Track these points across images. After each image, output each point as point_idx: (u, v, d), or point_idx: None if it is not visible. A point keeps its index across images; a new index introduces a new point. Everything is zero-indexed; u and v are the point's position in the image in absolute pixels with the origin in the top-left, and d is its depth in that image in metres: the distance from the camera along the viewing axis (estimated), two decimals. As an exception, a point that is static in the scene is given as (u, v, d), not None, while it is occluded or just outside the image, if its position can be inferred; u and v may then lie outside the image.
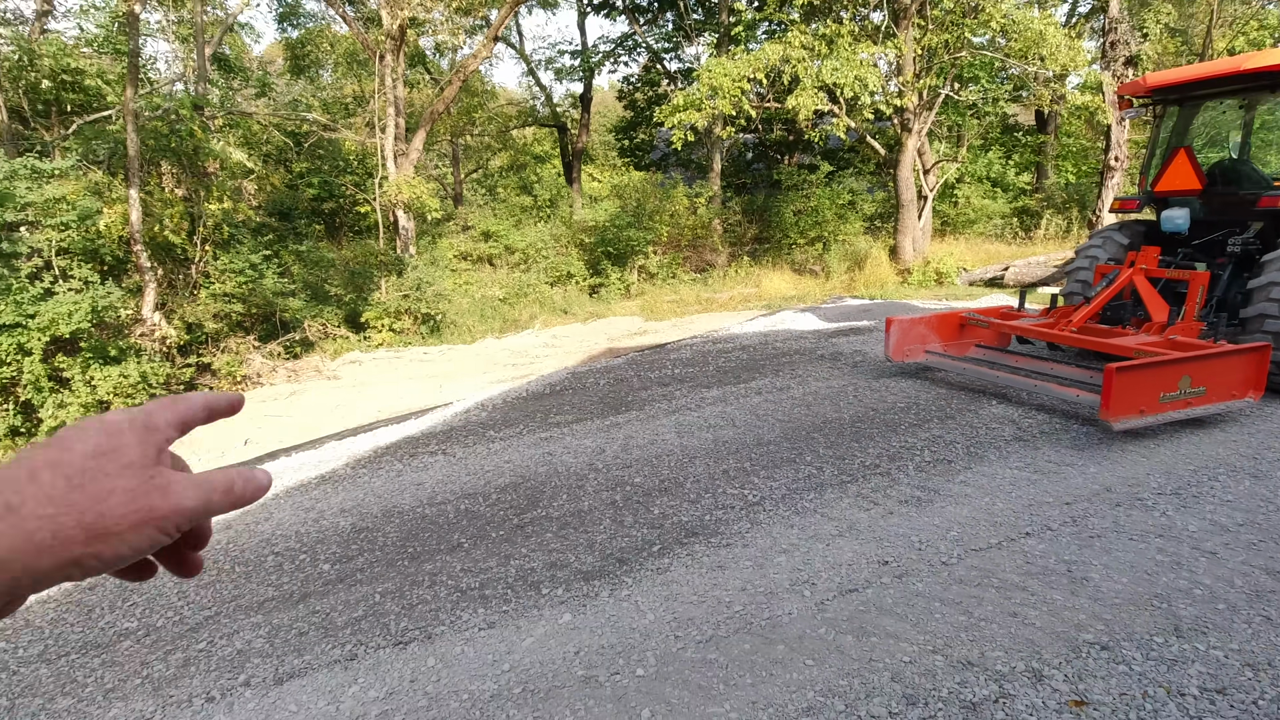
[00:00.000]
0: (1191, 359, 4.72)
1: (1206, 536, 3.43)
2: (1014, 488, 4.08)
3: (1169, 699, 2.35)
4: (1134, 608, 2.88)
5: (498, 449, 5.33)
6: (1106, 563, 3.22)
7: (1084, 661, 2.56)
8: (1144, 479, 4.12)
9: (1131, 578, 3.10)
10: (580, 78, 19.79)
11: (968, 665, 2.57)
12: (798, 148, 20.49)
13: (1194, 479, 4.09)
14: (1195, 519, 3.61)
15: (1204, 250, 6.08)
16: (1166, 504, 3.80)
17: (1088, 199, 17.70)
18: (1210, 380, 4.76)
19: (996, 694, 2.41)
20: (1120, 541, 3.42)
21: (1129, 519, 3.65)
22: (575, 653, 2.82)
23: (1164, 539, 3.43)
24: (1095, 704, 2.35)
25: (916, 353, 6.39)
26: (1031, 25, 11.82)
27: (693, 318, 12.00)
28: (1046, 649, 2.64)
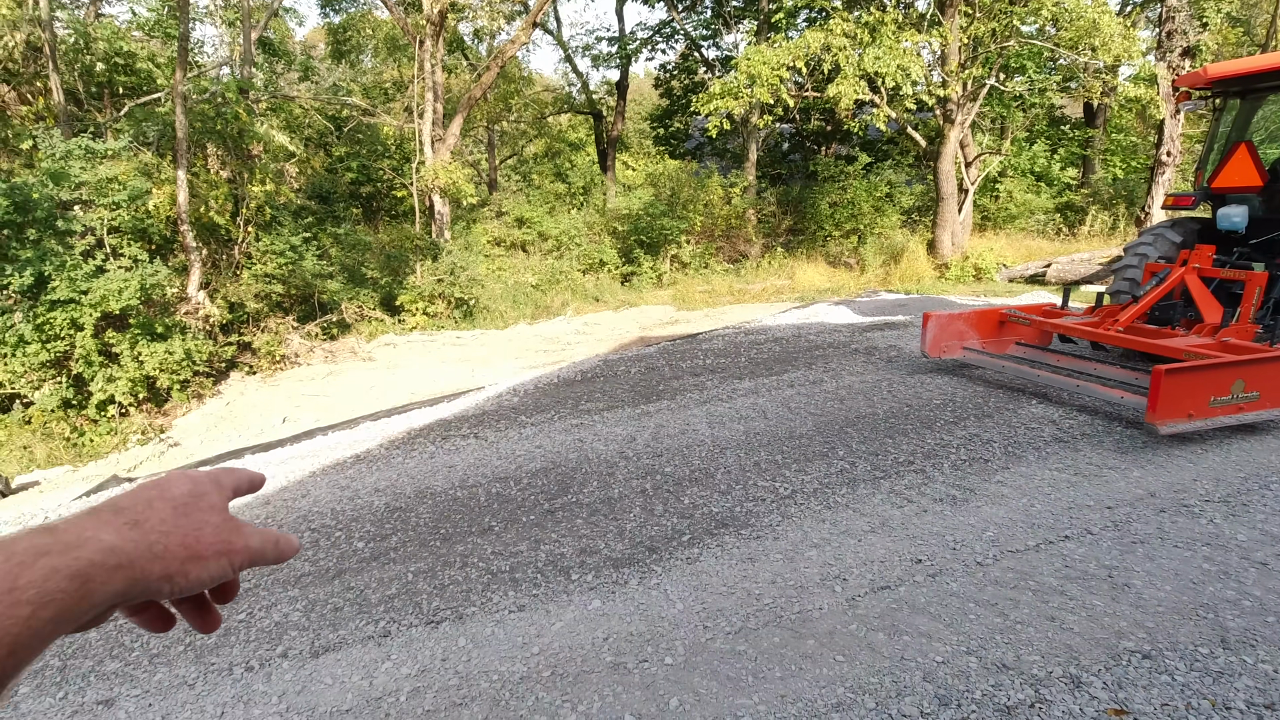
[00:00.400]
0: (1245, 362, 4.55)
1: (1257, 547, 3.31)
2: (1053, 489, 3.99)
3: (1214, 712, 2.28)
4: (1178, 617, 2.80)
5: (529, 434, 5.37)
6: (1150, 570, 3.14)
7: (1124, 670, 2.50)
8: (1191, 485, 4.00)
9: (1176, 586, 3.01)
10: (617, 65, 19.71)
11: (1003, 668, 2.52)
12: (835, 138, 20.18)
13: (1244, 487, 3.95)
14: (1245, 528, 3.49)
15: (1262, 250, 5.85)
16: (1214, 511, 3.68)
17: (1136, 195, 17.14)
18: (1265, 385, 4.60)
19: (1032, 699, 2.37)
20: (1165, 548, 3.32)
21: (1174, 525, 3.54)
22: (604, 639, 2.84)
23: (1211, 547, 3.32)
24: (1136, 713, 2.29)
25: (954, 349, 6.27)
26: (1085, 13, 11.42)
27: (725, 308, 11.93)
28: (1085, 655, 2.58)
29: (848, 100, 11.12)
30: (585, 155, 23.66)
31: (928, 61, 12.59)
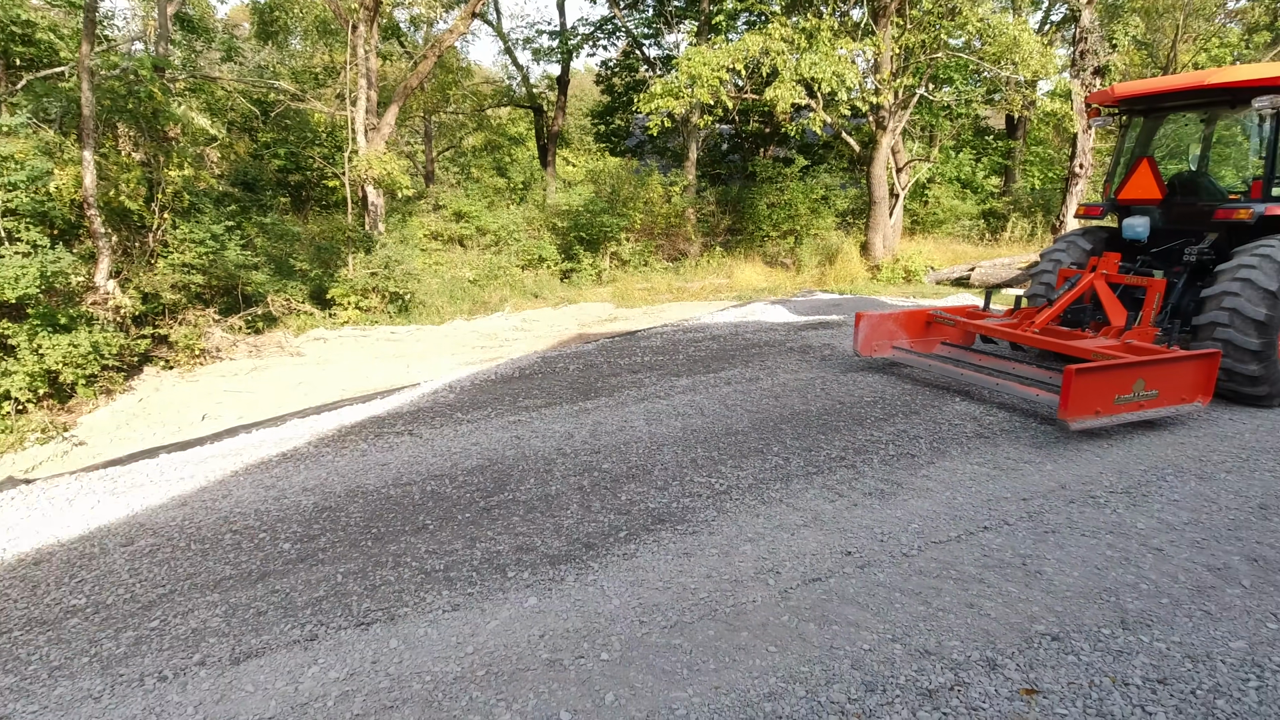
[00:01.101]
0: (1146, 363, 4.87)
1: (1154, 534, 3.55)
2: (974, 483, 4.18)
3: (1114, 688, 2.44)
4: (1084, 600, 2.98)
5: (466, 431, 5.28)
6: (1060, 557, 3.33)
7: (1036, 651, 2.64)
8: (1098, 477, 4.26)
9: (1083, 572, 3.20)
10: (558, 59, 19.54)
11: (925, 654, 2.63)
12: (774, 140, 20.54)
13: (1144, 479, 4.23)
14: (1144, 517, 3.74)
15: (1162, 258, 6.27)
16: (1118, 502, 3.93)
17: (1052, 204, 18.10)
18: (1163, 384, 4.93)
19: (952, 682, 2.48)
20: (1073, 537, 3.53)
21: (1082, 515, 3.76)
22: (540, 636, 2.82)
23: (1114, 535, 3.54)
24: (1045, 692, 2.42)
25: (884, 348, 6.49)
26: (1006, 30, 11.98)
27: (664, 306, 12.00)
28: (1001, 639, 2.72)
29: (785, 104, 11.34)
30: (526, 150, 23.38)
31: (862, 69, 12.97)
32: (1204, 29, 21.54)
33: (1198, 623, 2.83)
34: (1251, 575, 3.17)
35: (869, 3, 12.72)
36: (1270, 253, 5.24)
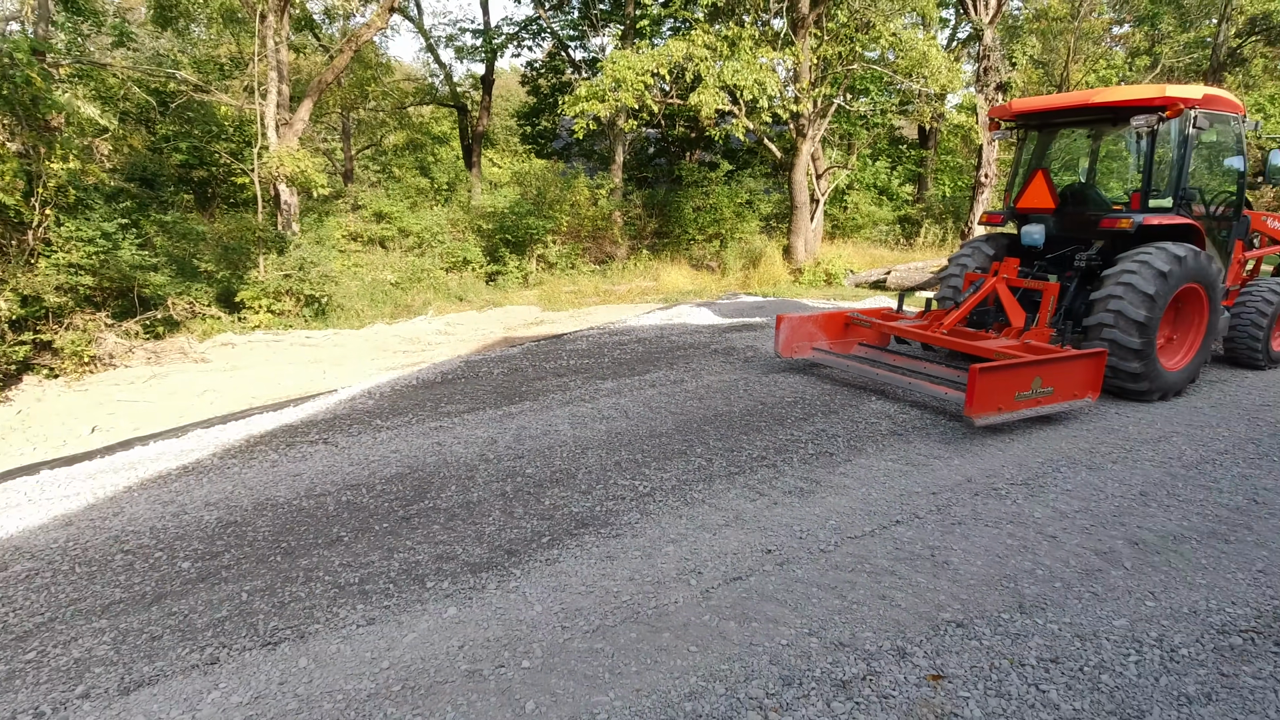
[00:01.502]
0: (1042, 362, 5.19)
1: (1049, 522, 3.78)
2: (888, 479, 4.34)
3: (1011, 669, 2.58)
4: (987, 588, 3.14)
5: (385, 438, 5.11)
6: (965, 547, 3.50)
7: (942, 639, 2.76)
8: (1000, 470, 4.50)
9: (986, 560, 3.38)
10: (482, 59, 19.22)
11: (840, 646, 2.71)
12: (699, 145, 20.84)
13: (1041, 470, 4.50)
14: (1041, 506, 3.98)
15: (1056, 263, 6.69)
16: (1018, 493, 4.16)
17: (962, 211, 19.07)
18: (1057, 381, 5.26)
19: (865, 672, 2.56)
20: (977, 528, 3.72)
21: (985, 507, 3.97)
22: (460, 647, 2.75)
23: (1014, 525, 3.75)
24: (950, 677, 2.54)
25: (804, 349, 6.67)
26: (917, 45, 12.56)
27: (591, 309, 11.97)
28: (910, 628, 2.83)
29: (709, 109, 11.53)
30: (450, 150, 22.88)
31: (782, 78, 13.32)
32: (1093, 51, 23.18)
33: (1086, 604, 3.02)
34: (1133, 558, 3.42)
35: (789, 14, 13.08)
36: (1148, 259, 5.67)
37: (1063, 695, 2.46)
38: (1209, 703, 2.43)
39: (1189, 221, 6.07)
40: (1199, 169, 6.87)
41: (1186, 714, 2.38)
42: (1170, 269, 5.62)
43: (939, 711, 2.37)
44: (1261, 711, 2.39)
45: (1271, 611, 2.98)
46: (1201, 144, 6.52)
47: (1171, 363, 6.07)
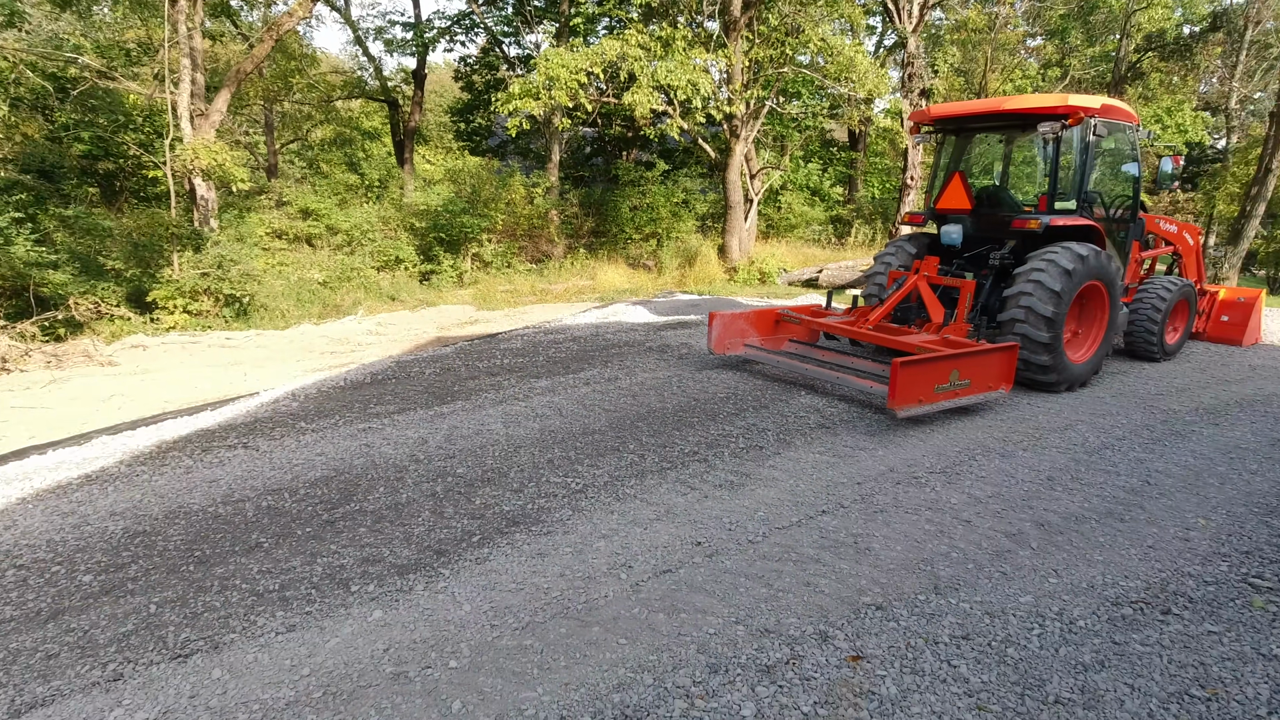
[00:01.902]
0: (959, 355, 5.43)
1: (964, 507, 3.97)
2: (815, 470, 4.47)
3: (926, 647, 2.70)
4: (905, 571, 3.27)
5: (310, 441, 4.95)
6: (886, 534, 3.63)
7: (862, 621, 2.87)
8: (920, 460, 4.69)
9: (905, 546, 3.51)
10: (413, 52, 18.79)
11: (765, 633, 2.78)
12: (636, 145, 20.93)
13: (958, 459, 4.71)
14: (957, 493, 4.17)
15: (972, 262, 7.01)
16: (936, 481, 4.35)
17: (890, 212, 19.76)
18: (974, 374, 5.52)
19: (788, 656, 2.64)
20: (898, 515, 3.86)
21: (906, 495, 4.13)
22: (385, 650, 2.70)
23: (932, 511, 3.92)
24: (869, 657, 2.64)
25: (736, 346, 6.79)
26: (844, 51, 12.95)
27: (527, 308, 11.88)
28: (833, 613, 2.93)
29: (643, 109, 11.60)
30: (381, 146, 22.28)
31: (716, 79, 13.51)
32: (1009, 61, 24.37)
33: (996, 583, 3.19)
34: (1039, 538, 3.62)
35: (721, 16, 13.28)
36: (1055, 258, 6.01)
37: (972, 669, 2.58)
38: (1102, 669, 2.60)
39: (1091, 223, 6.47)
40: (1100, 174, 7.32)
41: (1082, 681, 2.54)
42: (1074, 267, 5.97)
43: (857, 690, 2.46)
44: (1148, 675, 2.57)
45: (1159, 583, 3.21)
46: (1101, 150, 6.94)
47: (1077, 355, 6.45)
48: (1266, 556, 3.47)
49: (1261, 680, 2.55)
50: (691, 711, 2.36)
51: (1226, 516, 3.92)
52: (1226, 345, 8.65)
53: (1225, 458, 4.81)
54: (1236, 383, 6.87)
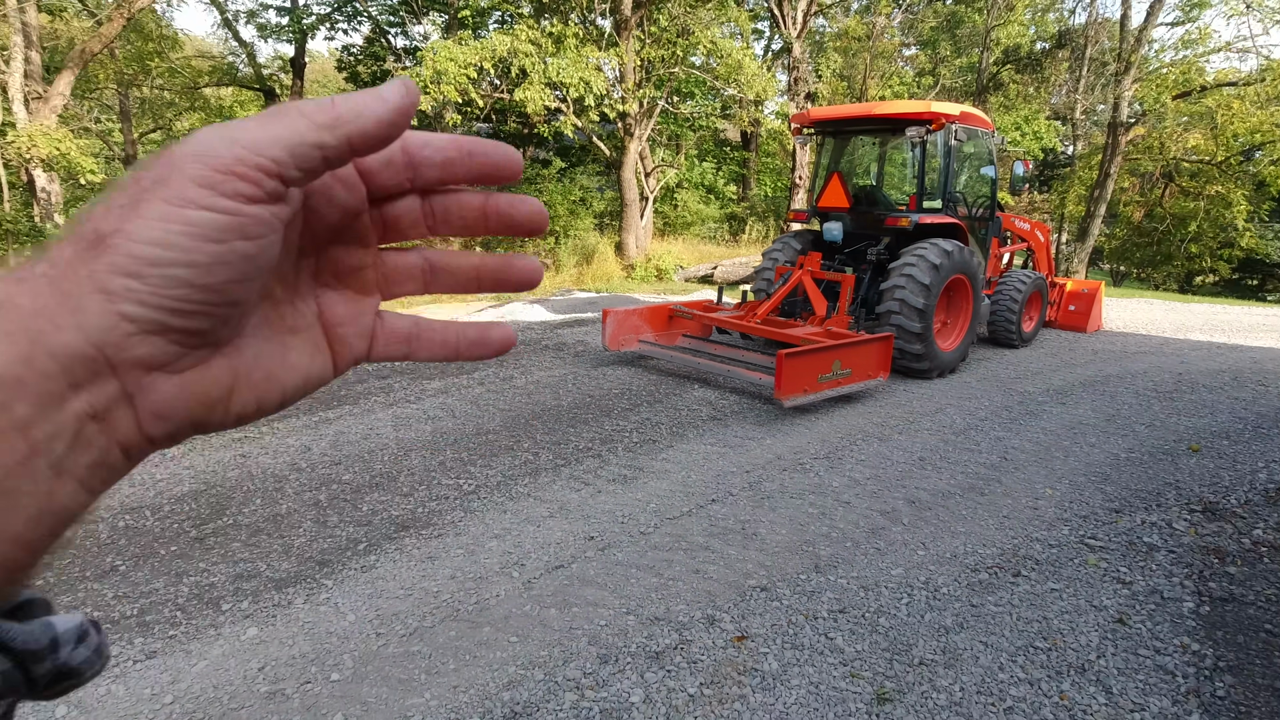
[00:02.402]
0: (841, 346, 5.73)
1: (844, 489, 4.20)
2: (707, 461, 4.59)
3: (806, 623, 2.84)
4: (789, 553, 3.43)
5: (175, 454, 4.60)
6: (772, 519, 3.79)
7: (748, 603, 2.98)
8: (805, 447, 4.92)
9: (790, 529, 3.68)
10: (290, 39, 17.76)
11: (655, 620, 2.84)
12: (532, 142, 20.70)
13: (840, 444, 4.98)
14: (838, 477, 4.40)
15: (852, 257, 7.41)
16: (820, 466, 4.57)
17: (782, 209, 20.53)
18: (854, 363, 5.83)
19: (677, 641, 2.71)
20: (784, 500, 4.04)
21: (792, 481, 4.32)
22: (260, 669, 2.56)
23: (816, 495, 4.12)
24: (753, 636, 2.75)
25: (631, 342, 6.87)
26: (733, 54, 13.33)
27: (422, 308, 11.50)
28: (720, 597, 3.03)
29: (536, 106, 11.49)
30: (258, 137, 20.89)
31: (610, 78, 13.57)
32: (887, 69, 25.88)
33: (871, 559, 3.40)
34: (910, 514, 3.89)
35: (613, 14, 13.35)
36: (924, 254, 6.45)
37: (847, 640, 2.75)
38: (962, 630, 2.83)
39: (955, 221, 6.98)
40: (965, 176, 7.91)
41: (944, 642, 2.75)
42: (941, 262, 6.42)
43: (741, 669, 2.56)
44: (1000, 632, 2.82)
45: (1012, 549, 3.52)
46: (962, 154, 7.50)
47: (946, 344, 6.95)
48: (1100, 519, 3.87)
49: (1093, 629, 2.86)
50: (581, 703, 2.38)
51: (1069, 486, 4.35)
52: (1074, 332, 9.56)
53: (1070, 433, 5.33)
54: (1081, 366, 7.62)
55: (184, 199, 0.28)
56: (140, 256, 0.28)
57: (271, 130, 0.29)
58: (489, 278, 0.41)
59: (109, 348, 0.28)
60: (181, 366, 0.30)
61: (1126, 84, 17.56)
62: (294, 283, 0.36)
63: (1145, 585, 3.18)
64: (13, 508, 0.26)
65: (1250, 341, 9.33)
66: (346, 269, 0.37)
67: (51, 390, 0.27)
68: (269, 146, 0.29)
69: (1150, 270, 25.39)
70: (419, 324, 0.40)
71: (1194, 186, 21.51)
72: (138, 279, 0.28)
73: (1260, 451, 4.95)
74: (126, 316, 0.28)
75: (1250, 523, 3.82)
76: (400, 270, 0.39)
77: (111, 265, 0.28)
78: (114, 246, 0.28)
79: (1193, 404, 6.10)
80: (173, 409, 0.30)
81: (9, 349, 0.26)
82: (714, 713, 2.35)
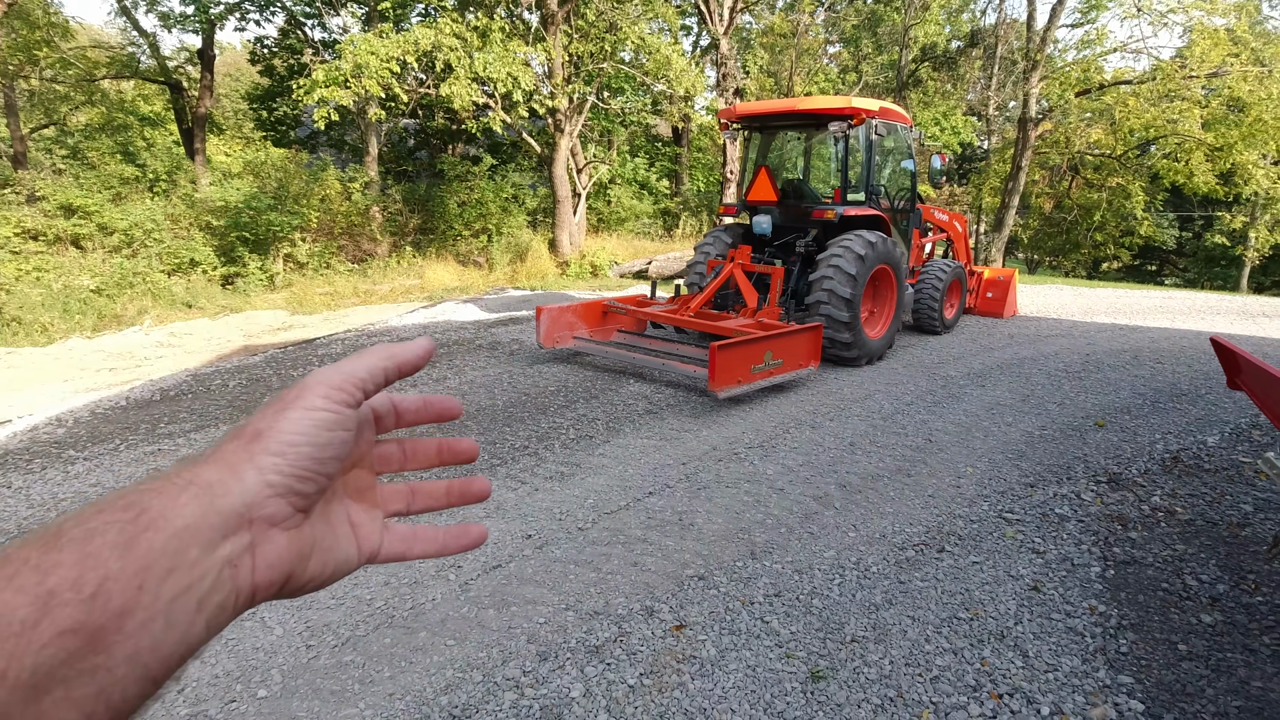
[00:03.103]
0: (772, 337, 5.84)
1: (778, 477, 4.29)
2: (643, 455, 4.62)
3: (743, 609, 2.90)
4: (725, 542, 3.48)
5: (81, 471, 4.33)
6: (709, 509, 3.84)
7: (686, 593, 3.02)
8: (740, 437, 5.00)
9: (726, 518, 3.74)
10: (196, 29, 16.85)
11: (594, 615, 2.84)
12: (462, 138, 20.31)
13: (774, 433, 5.08)
14: (772, 464, 4.50)
15: (782, 250, 7.57)
16: (754, 455, 4.65)
17: (714, 204, 20.78)
18: (785, 353, 5.96)
19: (616, 634, 2.72)
20: (720, 490, 4.10)
21: (727, 470, 4.39)
22: (179, 692, 2.43)
23: (750, 483, 4.20)
24: (691, 625, 2.78)
25: (566, 339, 6.83)
26: (661, 50, 13.39)
27: (349, 311, 11.16)
28: (659, 588, 3.05)
29: (462, 101, 11.27)
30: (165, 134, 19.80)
31: (538, 73, 13.44)
32: (812, 65, 26.50)
33: (804, 543, 3.49)
34: (842, 499, 4.01)
35: (539, 8, 13.22)
36: (849, 245, 6.64)
37: (782, 623, 2.81)
38: (891, 607, 2.94)
39: (878, 213, 7.21)
40: (887, 170, 8.18)
41: (874, 619, 2.85)
42: (866, 253, 6.63)
43: (680, 656, 2.59)
44: (925, 606, 2.94)
45: (936, 526, 3.67)
46: (883, 148, 7.76)
47: (873, 332, 7.18)
48: (1016, 494, 4.09)
49: (1011, 597, 3.01)
50: (521, 701, 2.36)
51: (988, 464, 4.57)
52: (992, 318, 10.04)
53: (989, 414, 5.59)
54: (998, 349, 8.00)
55: (313, 406, 0.44)
56: (284, 442, 0.42)
57: (361, 362, 0.47)
58: (456, 494, 0.59)
59: (253, 507, 0.40)
60: (290, 525, 0.43)
61: (1034, 81, 18.51)
62: (337, 488, 0.50)
63: (1057, 553, 3.38)
64: (170, 632, 0.35)
65: (1148, 323, 10.01)
66: (362, 487, 0.52)
67: (212, 539, 0.38)
68: (359, 371, 0.46)
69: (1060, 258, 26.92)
70: (415, 530, 0.55)
71: (1097, 179, 22.92)
72: (280, 457, 0.42)
73: (1157, 424, 5.32)
74: (269, 483, 0.41)
75: (1149, 490, 4.10)
76: (392, 493, 0.55)
77: (264, 448, 0.41)
78: (267, 436, 0.42)
79: (1098, 382, 6.50)
80: (280, 559, 0.42)
81: (193, 507, 0.37)
82: (654, 702, 2.37)
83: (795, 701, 2.38)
